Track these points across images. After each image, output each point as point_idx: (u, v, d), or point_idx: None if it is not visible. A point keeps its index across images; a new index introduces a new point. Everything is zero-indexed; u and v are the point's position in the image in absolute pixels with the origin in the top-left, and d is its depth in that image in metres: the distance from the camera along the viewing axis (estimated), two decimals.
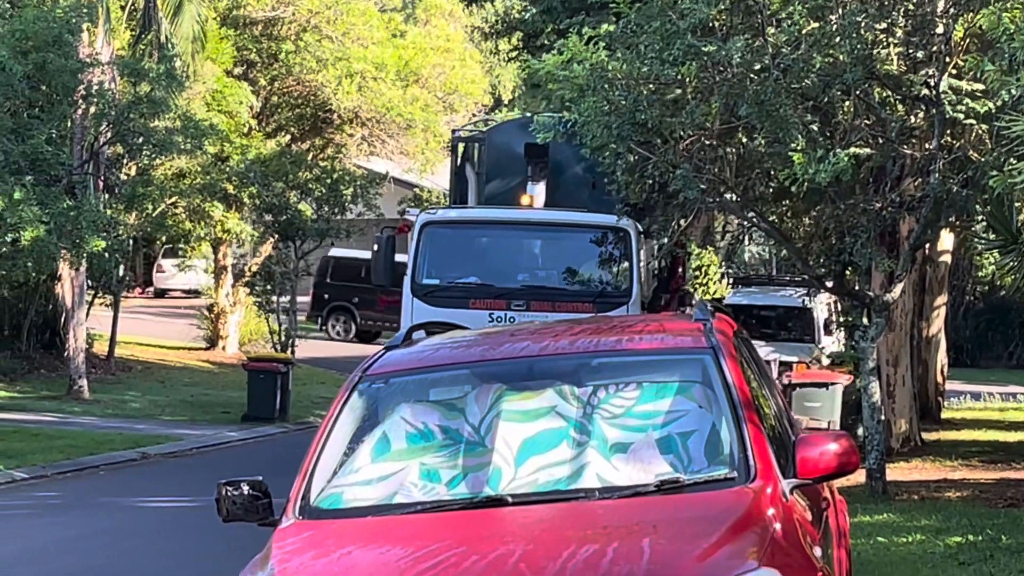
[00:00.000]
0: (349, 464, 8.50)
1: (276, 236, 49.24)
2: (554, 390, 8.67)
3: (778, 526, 7.68)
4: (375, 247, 25.38)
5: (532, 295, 22.76)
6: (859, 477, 22.67)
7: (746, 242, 39.70)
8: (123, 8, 43.92)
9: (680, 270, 26.74)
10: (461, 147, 31.23)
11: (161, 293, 76.30)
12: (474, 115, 60.09)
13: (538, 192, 25.48)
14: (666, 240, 31.42)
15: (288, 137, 55.48)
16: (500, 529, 7.82)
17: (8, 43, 32.60)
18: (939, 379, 37.06)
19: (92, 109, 37.94)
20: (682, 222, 30.54)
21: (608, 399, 8.58)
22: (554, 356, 9.18)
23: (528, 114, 37.97)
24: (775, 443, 8.55)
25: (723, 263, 43.85)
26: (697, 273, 43.01)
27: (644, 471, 8.20)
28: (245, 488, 8.77)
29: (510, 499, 8.08)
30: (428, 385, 9.05)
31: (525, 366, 9.04)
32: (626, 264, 23.14)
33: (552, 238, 24.04)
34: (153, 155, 39.92)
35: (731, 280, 43.94)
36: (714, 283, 43.36)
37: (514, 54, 40.97)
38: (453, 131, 37.59)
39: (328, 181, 48.86)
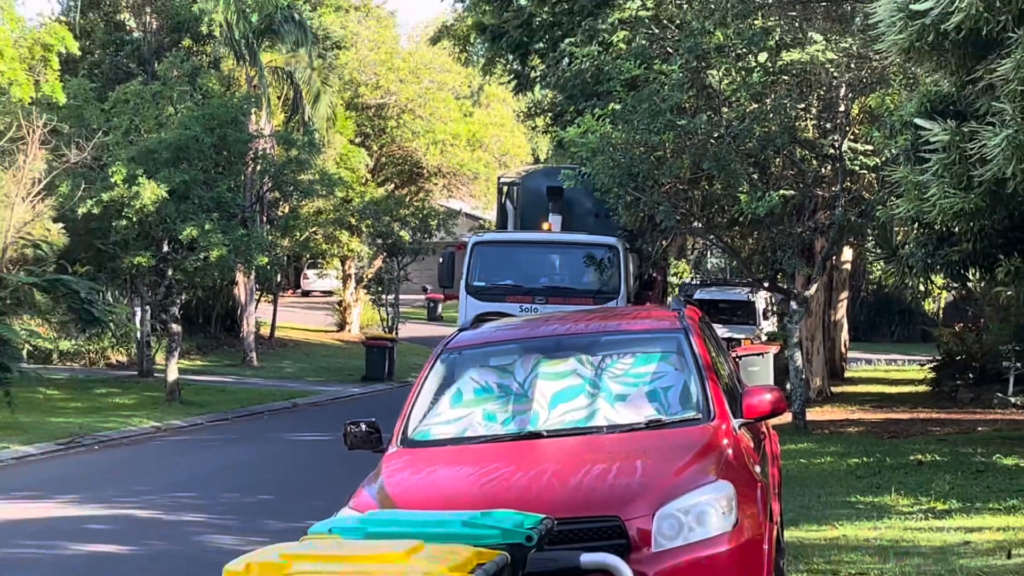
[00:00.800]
0: (434, 410, 8.61)
1: (384, 253, 49.29)
2: (575, 358, 8.75)
3: (730, 451, 7.84)
4: (440, 260, 26.21)
5: (549, 292, 23.02)
6: (787, 418, 22.64)
7: (708, 255, 39.36)
8: (279, 98, 43.96)
9: (660, 276, 26.60)
10: (505, 189, 31.24)
11: (306, 293, 76.15)
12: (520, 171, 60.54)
13: (556, 221, 25.95)
14: (652, 255, 31.50)
15: (392, 185, 55.66)
16: (538, 454, 7.94)
17: (201, 123, 32.65)
18: (843, 350, 36.96)
19: (258, 167, 38.20)
20: (663, 242, 30.65)
21: (612, 364, 8.68)
22: (575, 335, 9.28)
23: (553, 165, 38.62)
24: (728, 394, 8.63)
25: (692, 270, 43.62)
26: (674, 278, 42.94)
27: (637, 414, 8.31)
28: (363, 426, 8.87)
29: (545, 433, 8.20)
30: (489, 355, 9.10)
31: (555, 342, 9.12)
32: (616, 270, 23.58)
33: (564, 252, 24.50)
34: (300, 199, 40.08)
35: (698, 279, 43.72)
36: (681, 275, 43.37)
37: (546, 127, 40.73)
38: (499, 177, 37.14)
39: (420, 215, 48.99)
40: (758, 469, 8.08)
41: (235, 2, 41.45)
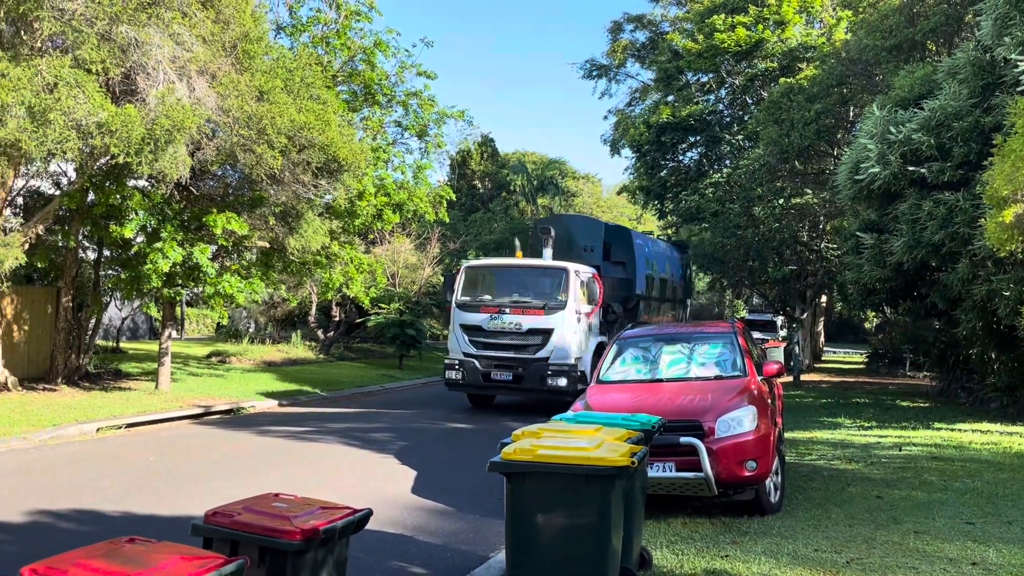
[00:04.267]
0: (612, 366, 8.68)
1: None
2: (680, 344, 8.74)
3: (756, 391, 7.76)
4: (444, 280, 17.34)
5: (511, 305, 15.11)
6: (791, 379, 21.91)
7: (753, 297, 38.05)
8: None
9: (600, 292, 16.07)
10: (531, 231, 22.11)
11: None
12: None
13: (547, 252, 17.07)
14: (730, 294, 30.67)
15: None
16: (660, 389, 7.95)
17: (510, 231, 33.11)
18: (821, 346, 35.39)
19: None
20: (728, 292, 29.99)
21: (698, 347, 8.62)
22: (680, 333, 9.19)
23: (559, 214, 33.07)
24: (756, 365, 8.48)
25: (744, 304, 42.20)
26: (734, 307, 41.70)
27: (709, 372, 8.27)
28: (580, 373, 8.96)
29: (664, 380, 8.18)
30: (640, 341, 9.07)
31: (671, 336, 9.07)
32: (565, 290, 15.04)
33: (527, 274, 15.77)
34: None
35: (748, 309, 42.26)
36: (740, 311, 41.90)
37: (672, 233, 40.10)
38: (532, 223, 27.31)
39: None
40: (769, 401, 7.95)
41: (526, 175, 42.14)
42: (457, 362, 15.13)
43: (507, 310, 15.01)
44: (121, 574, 2.70)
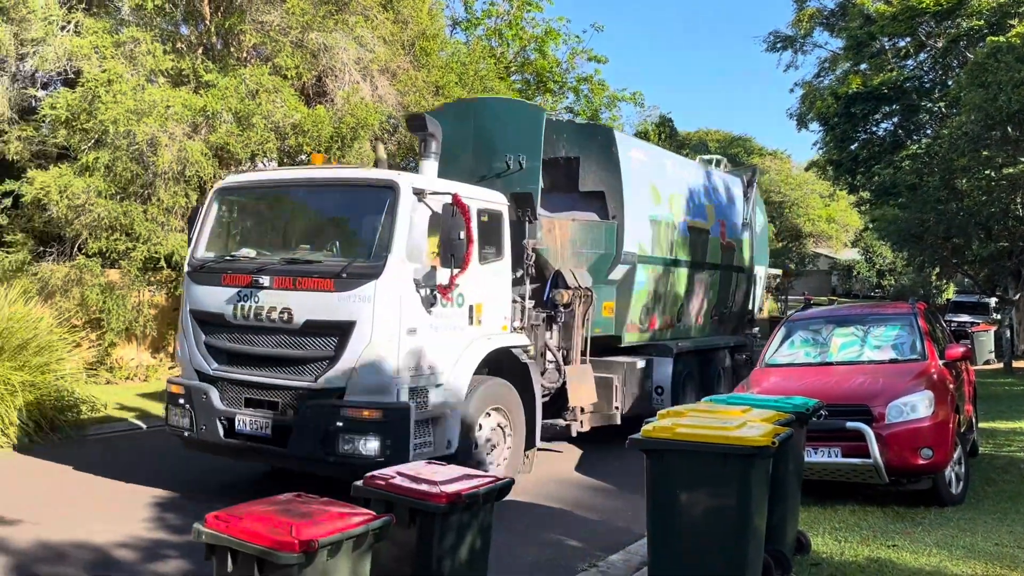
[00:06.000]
0: (780, 349, 8.47)
1: (782, 275, 46.62)
2: (854, 326, 8.40)
3: (935, 376, 7.43)
4: (187, 221, 9.91)
5: (277, 271, 6.54)
6: (1000, 366, 20.17)
7: (962, 279, 34.85)
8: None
9: (471, 239, 6.53)
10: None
11: None
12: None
13: (429, 166, 7.38)
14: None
15: (785, 241, 51.96)
16: (829, 372, 7.72)
17: None
18: None
19: None
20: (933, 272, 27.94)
21: (873, 329, 8.25)
22: (855, 314, 8.82)
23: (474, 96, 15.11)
24: (939, 348, 8.00)
25: (949, 284, 38.83)
26: (939, 288, 38.50)
27: (884, 355, 7.93)
28: (745, 357, 8.82)
29: (835, 363, 7.92)
30: (810, 323, 8.73)
31: (844, 318, 8.70)
32: (389, 230, 6.24)
33: (321, 200, 7.10)
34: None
35: (956, 291, 38.82)
36: (947, 292, 38.61)
37: (866, 209, 37.34)
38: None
39: (798, 258, 45.89)
40: (952, 387, 7.46)
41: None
42: (184, 391, 7.17)
43: (264, 280, 6.79)
44: (283, 521, 3.14)
